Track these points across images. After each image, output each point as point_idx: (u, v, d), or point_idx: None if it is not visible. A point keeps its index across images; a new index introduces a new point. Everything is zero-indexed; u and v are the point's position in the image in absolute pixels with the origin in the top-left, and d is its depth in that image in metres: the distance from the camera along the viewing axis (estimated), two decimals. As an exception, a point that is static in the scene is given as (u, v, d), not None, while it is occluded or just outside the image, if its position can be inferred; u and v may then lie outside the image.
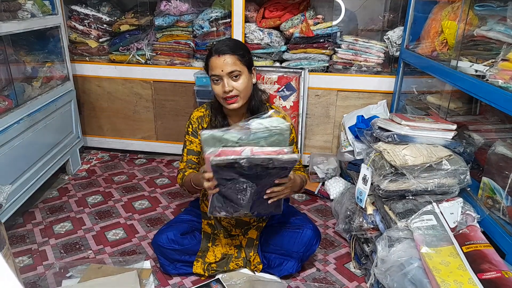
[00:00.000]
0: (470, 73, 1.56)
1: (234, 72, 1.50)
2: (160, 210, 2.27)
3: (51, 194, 2.44)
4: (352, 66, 2.53)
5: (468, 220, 1.44)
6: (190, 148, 1.69)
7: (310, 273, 1.77)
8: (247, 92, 1.57)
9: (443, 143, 1.61)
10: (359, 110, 2.47)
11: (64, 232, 2.06)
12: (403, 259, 1.35)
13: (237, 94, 1.53)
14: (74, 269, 1.72)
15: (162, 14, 2.64)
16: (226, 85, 1.50)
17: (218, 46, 1.53)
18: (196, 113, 1.70)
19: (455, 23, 1.73)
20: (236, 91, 1.53)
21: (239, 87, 1.52)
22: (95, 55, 2.81)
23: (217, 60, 1.50)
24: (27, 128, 2.13)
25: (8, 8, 2.08)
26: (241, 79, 1.52)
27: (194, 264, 1.67)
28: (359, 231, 1.69)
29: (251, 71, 1.58)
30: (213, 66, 1.52)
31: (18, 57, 2.34)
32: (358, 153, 2.19)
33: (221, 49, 1.50)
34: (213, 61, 1.51)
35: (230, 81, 1.51)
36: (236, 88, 1.52)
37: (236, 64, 1.50)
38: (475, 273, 1.21)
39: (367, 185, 1.63)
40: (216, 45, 1.55)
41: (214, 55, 1.51)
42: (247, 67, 1.54)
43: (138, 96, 2.82)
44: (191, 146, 1.69)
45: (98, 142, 3.02)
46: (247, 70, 1.54)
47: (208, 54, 1.56)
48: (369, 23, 2.65)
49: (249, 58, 1.57)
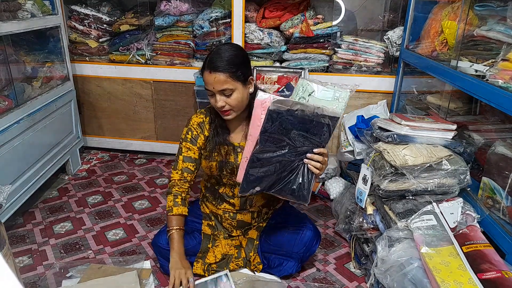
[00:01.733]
0: (470, 73, 1.56)
1: (226, 90, 1.47)
2: (160, 210, 2.27)
3: (51, 194, 2.44)
4: (352, 66, 2.53)
5: (468, 220, 1.44)
6: (187, 155, 1.64)
7: (310, 273, 1.77)
8: (242, 105, 1.54)
9: (443, 143, 1.61)
10: (359, 110, 2.47)
11: (64, 232, 2.06)
12: (403, 259, 1.35)
13: (230, 108, 1.51)
14: (74, 269, 1.72)
15: (162, 14, 2.64)
16: (218, 101, 1.49)
17: (212, 59, 1.47)
18: (196, 119, 1.66)
19: (455, 23, 1.73)
20: (229, 106, 1.51)
21: (231, 102, 1.49)
22: (95, 55, 2.81)
23: (209, 77, 1.47)
24: (27, 128, 2.13)
25: (8, 8, 2.08)
26: (234, 95, 1.48)
27: (194, 264, 1.67)
28: (359, 231, 1.69)
29: (246, 83, 1.53)
30: (206, 81, 1.50)
31: (18, 57, 2.34)
32: (358, 153, 2.19)
33: (213, 66, 1.45)
34: (206, 76, 1.49)
35: (223, 97, 1.49)
36: (229, 104, 1.50)
37: (228, 82, 1.46)
38: (475, 273, 1.21)
39: (367, 185, 1.63)
40: (211, 57, 1.49)
41: (207, 70, 1.47)
42: (241, 81, 1.49)
43: (138, 96, 2.82)
44: (188, 153, 1.64)
45: (98, 142, 3.02)
46: (241, 85, 1.49)
47: (203, 65, 1.52)
48: (369, 23, 2.65)
49: (244, 71, 1.50)
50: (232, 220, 1.71)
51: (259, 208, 1.73)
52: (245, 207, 1.70)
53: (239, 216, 1.71)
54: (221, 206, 1.72)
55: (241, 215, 1.71)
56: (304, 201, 1.45)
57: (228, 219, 1.72)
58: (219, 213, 1.73)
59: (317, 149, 1.39)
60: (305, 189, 1.43)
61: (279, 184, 1.42)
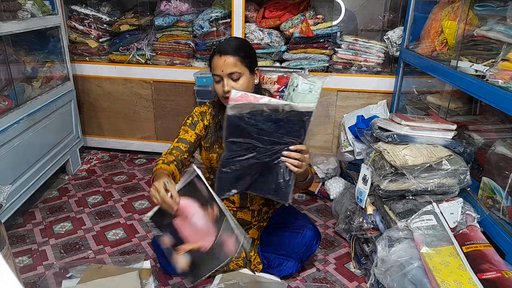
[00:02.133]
0: (470, 73, 1.56)
1: (234, 73, 1.49)
2: (160, 210, 2.27)
3: (51, 194, 2.44)
4: (352, 66, 2.53)
5: (468, 220, 1.44)
6: (183, 137, 1.59)
7: (310, 273, 1.77)
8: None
9: (443, 143, 1.61)
10: (359, 110, 2.47)
11: (64, 232, 2.06)
12: (403, 259, 1.35)
13: None
14: (74, 269, 1.71)
15: (162, 14, 2.64)
16: (225, 85, 1.50)
17: (221, 45, 1.52)
18: (199, 108, 1.68)
19: (455, 23, 1.73)
20: None
21: (238, 88, 1.51)
22: (95, 55, 2.81)
23: (218, 60, 1.50)
24: (27, 128, 2.13)
25: (8, 8, 2.08)
26: (241, 80, 1.51)
27: (194, 264, 1.67)
28: (359, 231, 1.69)
29: (253, 72, 1.56)
30: (215, 66, 1.52)
31: (18, 57, 2.34)
32: (358, 153, 2.19)
33: (223, 50, 1.49)
34: (215, 61, 1.51)
35: (230, 82, 1.51)
36: (235, 89, 1.51)
37: (237, 66, 1.49)
38: (475, 273, 1.21)
39: (367, 185, 1.63)
40: (220, 44, 1.54)
41: (217, 54, 1.51)
42: (248, 68, 1.52)
43: (138, 96, 2.82)
44: (184, 136, 1.60)
45: (98, 142, 3.02)
46: (248, 72, 1.53)
47: (212, 53, 1.55)
48: (369, 23, 2.65)
49: (251, 59, 1.54)
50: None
51: (260, 207, 1.73)
52: (245, 204, 1.70)
53: (240, 214, 1.71)
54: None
55: (242, 213, 1.71)
56: (284, 200, 1.38)
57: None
58: (219, 212, 1.73)
59: (293, 146, 1.32)
60: (284, 188, 1.35)
61: (256, 184, 1.37)
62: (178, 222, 1.28)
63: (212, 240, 1.30)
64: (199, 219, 1.28)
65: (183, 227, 1.28)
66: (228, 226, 1.29)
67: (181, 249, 1.28)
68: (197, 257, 1.30)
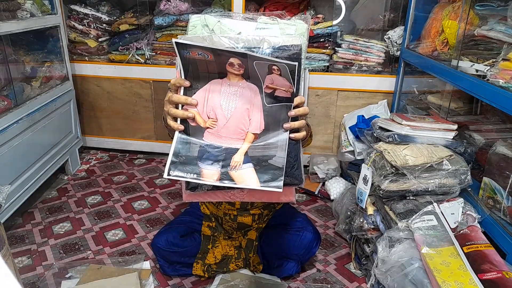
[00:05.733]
0: (470, 72, 1.56)
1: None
2: (159, 211, 2.26)
3: (50, 194, 2.43)
4: (352, 66, 2.52)
5: (468, 221, 1.44)
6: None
7: (311, 273, 1.77)
8: None
9: (444, 143, 1.60)
10: (360, 110, 2.46)
11: (63, 232, 2.06)
12: (403, 259, 1.34)
13: None
14: (74, 270, 1.71)
15: (161, 13, 2.64)
16: None
17: None
18: None
19: (456, 22, 1.73)
20: None
21: None
22: (95, 55, 2.80)
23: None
24: (26, 128, 2.12)
25: (7, 8, 2.07)
26: None
27: (194, 265, 1.66)
28: (360, 231, 1.69)
29: None
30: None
31: (17, 57, 2.33)
32: (358, 153, 2.19)
33: None
34: None
35: None
36: None
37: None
38: (476, 274, 1.20)
39: (367, 185, 1.62)
40: None
41: None
42: None
43: (138, 96, 2.82)
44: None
45: (97, 142, 3.01)
46: None
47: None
48: (370, 23, 2.65)
49: None
50: (232, 222, 1.71)
51: (261, 211, 1.72)
52: (246, 206, 1.69)
53: (240, 218, 1.70)
54: (221, 207, 1.71)
55: (242, 217, 1.70)
56: (299, 181, 1.09)
57: (228, 221, 1.71)
58: (220, 214, 1.72)
59: (292, 111, 1.03)
60: (295, 169, 1.07)
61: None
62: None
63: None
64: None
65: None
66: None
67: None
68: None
